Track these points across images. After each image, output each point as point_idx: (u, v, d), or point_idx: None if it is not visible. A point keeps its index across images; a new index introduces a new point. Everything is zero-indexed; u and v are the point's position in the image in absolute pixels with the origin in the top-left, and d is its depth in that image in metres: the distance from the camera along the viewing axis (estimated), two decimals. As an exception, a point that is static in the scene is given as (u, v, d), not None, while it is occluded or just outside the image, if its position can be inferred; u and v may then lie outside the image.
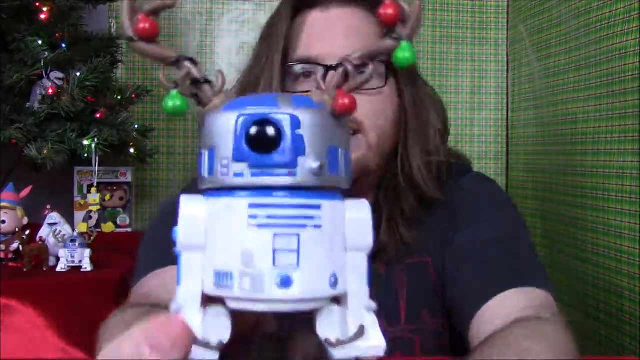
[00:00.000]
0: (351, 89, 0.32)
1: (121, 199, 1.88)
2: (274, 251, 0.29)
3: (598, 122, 1.43)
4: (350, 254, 0.32)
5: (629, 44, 1.30)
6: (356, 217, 0.32)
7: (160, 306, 0.65)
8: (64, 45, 1.62)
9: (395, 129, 0.85)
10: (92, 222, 1.59)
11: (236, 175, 0.30)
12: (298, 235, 0.30)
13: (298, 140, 0.30)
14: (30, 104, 1.58)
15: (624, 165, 1.32)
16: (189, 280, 0.31)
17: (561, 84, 1.63)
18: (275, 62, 0.82)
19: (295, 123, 0.30)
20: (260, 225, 0.30)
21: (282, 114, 0.30)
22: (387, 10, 0.32)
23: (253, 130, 0.30)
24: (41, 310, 1.22)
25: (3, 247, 1.43)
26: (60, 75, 1.60)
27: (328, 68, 0.79)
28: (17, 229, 1.43)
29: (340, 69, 0.33)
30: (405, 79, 0.86)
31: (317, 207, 0.30)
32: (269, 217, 0.30)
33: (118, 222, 1.85)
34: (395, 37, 0.33)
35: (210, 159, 0.31)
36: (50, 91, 1.56)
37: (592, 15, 1.46)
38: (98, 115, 1.65)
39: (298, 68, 0.82)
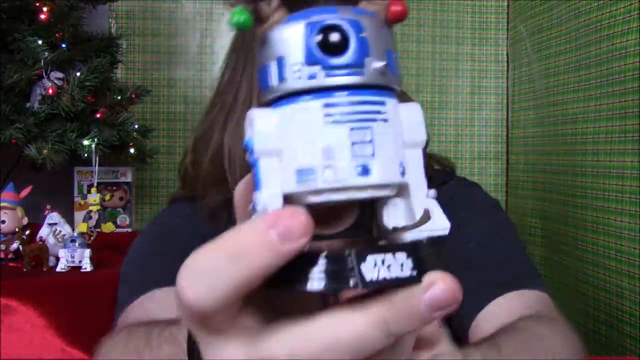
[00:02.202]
0: None
1: (121, 199, 1.88)
2: (352, 144, 0.32)
3: (598, 122, 1.43)
4: (408, 150, 0.34)
5: (629, 44, 1.30)
6: (411, 115, 0.35)
7: (162, 323, 0.60)
8: (64, 45, 1.62)
9: None
10: (92, 222, 1.59)
11: (310, 77, 0.32)
12: (371, 128, 0.32)
13: (363, 43, 0.32)
14: (30, 104, 1.58)
15: (624, 165, 1.32)
16: (271, 182, 0.33)
17: (561, 84, 1.63)
18: (254, 74, 0.77)
19: (360, 28, 0.32)
20: (336, 122, 0.32)
21: (347, 19, 0.32)
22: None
23: (322, 35, 0.32)
24: (41, 310, 1.22)
25: (3, 247, 1.43)
26: (60, 75, 1.60)
27: None
28: (17, 229, 1.43)
29: None
30: None
31: (383, 103, 0.33)
32: (343, 114, 0.32)
33: (118, 222, 1.86)
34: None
35: (279, 67, 0.33)
36: (50, 91, 1.56)
37: (592, 15, 1.46)
38: (98, 115, 1.66)
39: None
